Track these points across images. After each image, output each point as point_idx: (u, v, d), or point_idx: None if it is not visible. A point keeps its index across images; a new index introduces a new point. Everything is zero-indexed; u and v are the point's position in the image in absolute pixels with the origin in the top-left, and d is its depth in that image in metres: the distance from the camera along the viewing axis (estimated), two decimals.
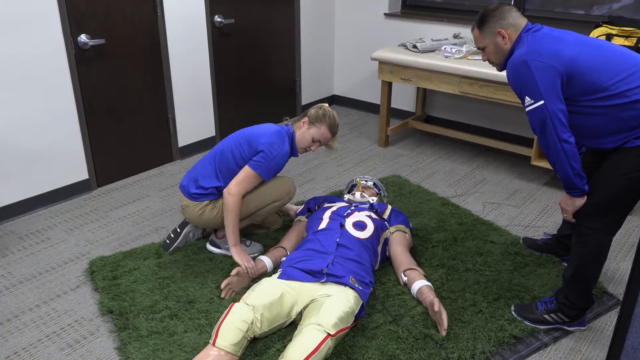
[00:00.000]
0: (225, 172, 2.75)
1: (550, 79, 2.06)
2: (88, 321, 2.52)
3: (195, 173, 2.82)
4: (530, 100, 2.09)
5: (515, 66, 2.13)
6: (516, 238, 3.07)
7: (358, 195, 3.08)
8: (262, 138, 2.69)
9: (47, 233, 3.25)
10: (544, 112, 2.07)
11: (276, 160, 2.70)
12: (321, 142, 2.81)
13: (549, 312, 2.40)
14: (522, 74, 2.10)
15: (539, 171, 4.03)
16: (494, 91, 3.70)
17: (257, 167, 2.68)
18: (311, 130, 2.78)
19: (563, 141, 2.08)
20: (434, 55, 4.04)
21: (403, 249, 2.75)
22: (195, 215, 2.79)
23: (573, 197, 2.20)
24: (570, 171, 2.11)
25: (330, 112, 2.80)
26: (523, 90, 2.12)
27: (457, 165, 4.16)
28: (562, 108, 2.08)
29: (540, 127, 2.10)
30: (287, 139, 2.76)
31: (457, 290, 2.62)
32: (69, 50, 3.39)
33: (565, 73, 2.07)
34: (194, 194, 2.77)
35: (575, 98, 2.11)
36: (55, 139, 3.47)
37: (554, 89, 2.06)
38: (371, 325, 2.39)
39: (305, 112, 2.84)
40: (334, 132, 2.83)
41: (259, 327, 2.21)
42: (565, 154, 2.08)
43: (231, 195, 2.66)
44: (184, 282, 2.70)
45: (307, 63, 5.13)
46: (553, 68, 2.06)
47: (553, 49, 2.08)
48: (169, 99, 4.04)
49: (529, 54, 2.09)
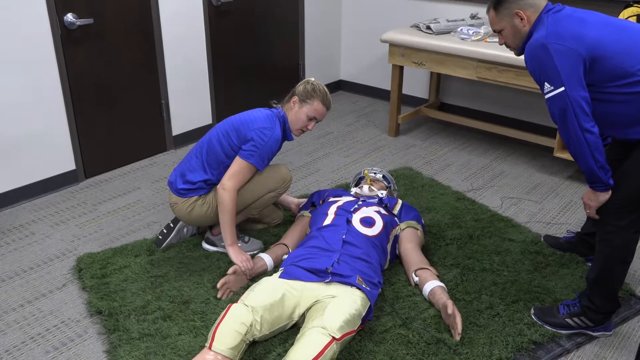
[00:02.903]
0: (214, 164, 2.75)
1: (572, 63, 2.05)
2: (75, 322, 2.54)
3: (181, 168, 2.82)
4: (549, 87, 2.09)
5: (534, 50, 2.12)
6: (537, 236, 3.07)
7: (366, 189, 3.08)
8: (251, 124, 2.69)
9: (31, 228, 3.27)
10: (565, 99, 2.06)
11: (268, 147, 2.69)
12: (317, 119, 2.80)
13: (572, 316, 2.40)
14: (542, 58, 2.09)
15: (562, 163, 4.02)
16: (514, 76, 3.69)
17: (249, 157, 2.67)
18: (304, 109, 2.77)
19: (585, 131, 2.07)
20: (449, 37, 4.03)
21: (414, 246, 2.75)
22: (184, 212, 2.80)
23: (597, 192, 2.19)
24: (594, 164, 2.10)
25: (320, 85, 2.80)
26: (542, 76, 2.11)
27: (474, 157, 4.16)
28: (585, 95, 2.07)
29: (560, 116, 2.09)
30: (279, 122, 2.75)
31: (473, 292, 2.63)
32: (55, 31, 3.40)
33: (588, 57, 2.06)
34: (182, 189, 2.78)
35: (598, 84, 2.10)
36: (39, 126, 3.48)
37: (576, 75, 2.05)
38: (379, 328, 2.40)
39: (293, 90, 2.82)
40: (328, 106, 2.81)
41: (259, 329, 2.21)
42: (587, 145, 2.08)
43: (226, 190, 2.65)
44: (178, 281, 2.71)
45: (312, 45, 5.12)
46: (575, 52, 2.05)
47: (575, 31, 2.07)
48: (162, 83, 4.05)
49: (549, 36, 2.08)
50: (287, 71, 4.99)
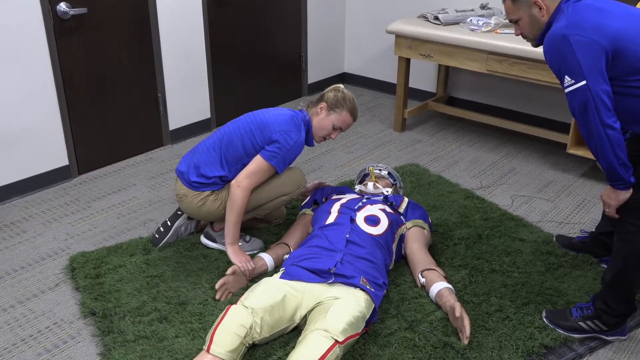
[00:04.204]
0: (232, 160, 2.76)
1: (594, 56, 2.04)
2: (68, 324, 2.55)
3: (196, 159, 2.82)
4: (570, 80, 2.08)
5: (554, 41, 2.11)
6: (549, 236, 3.07)
7: (371, 186, 3.08)
8: (276, 125, 2.70)
9: (23, 225, 3.28)
10: (586, 93, 2.05)
11: (292, 151, 2.71)
12: (342, 129, 2.84)
13: (585, 319, 2.40)
14: (562, 50, 2.08)
15: (575, 160, 4.02)
16: (526, 70, 3.68)
17: (272, 159, 2.69)
18: (331, 117, 2.79)
19: (607, 127, 2.06)
20: (458, 28, 4.02)
21: (421, 246, 2.76)
22: (194, 206, 2.80)
23: (617, 190, 2.19)
24: (615, 160, 2.10)
25: (350, 94, 2.84)
26: (562, 69, 2.10)
27: (483, 153, 4.16)
28: (607, 89, 2.06)
29: (581, 111, 2.08)
30: (303, 126, 2.77)
31: (482, 294, 2.63)
32: (47, 21, 3.40)
33: (610, 49, 2.05)
34: (195, 182, 2.78)
35: (621, 78, 2.09)
36: (31, 120, 3.49)
37: (597, 68, 2.04)
38: (384, 331, 2.40)
39: (321, 96, 2.84)
40: (355, 117, 2.86)
41: (259, 332, 2.22)
42: (609, 141, 2.07)
43: (240, 188, 2.67)
44: (174, 281, 2.72)
45: (315, 36, 5.12)
46: (597, 43, 2.04)
47: (597, 22, 2.06)
48: (158, 75, 4.05)
49: (569, 27, 2.07)
50: (289, 63, 5.00)
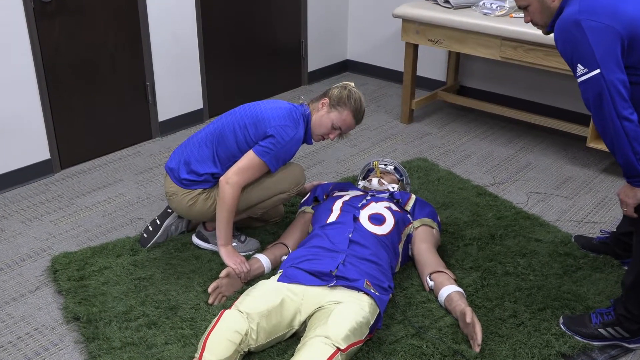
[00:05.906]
0: (225, 157, 2.75)
1: (609, 42, 2.04)
2: (50, 329, 2.55)
3: (186, 155, 2.81)
4: (583, 69, 2.08)
5: (566, 27, 2.11)
6: (567, 236, 3.07)
7: (375, 182, 3.08)
8: (272, 120, 2.69)
9: (1, 224, 3.27)
10: (601, 83, 2.05)
11: (287, 148, 2.70)
12: (342, 130, 2.81)
13: (605, 326, 2.40)
14: (574, 36, 2.08)
15: (596, 155, 4.01)
16: (543, 57, 3.67)
17: (264, 155, 2.68)
18: (332, 115, 2.77)
19: (623, 119, 2.06)
20: (469, 12, 4.01)
21: (429, 247, 2.76)
22: (184, 205, 2.80)
23: (634, 187, 2.19)
24: (632, 155, 2.10)
25: (357, 94, 2.79)
26: (575, 57, 2.11)
27: (496, 147, 4.15)
28: (623, 78, 2.06)
29: (595, 102, 2.09)
30: (302, 121, 2.76)
31: (495, 298, 2.63)
32: (27, 4, 3.39)
33: (626, 36, 2.05)
34: (185, 180, 2.77)
35: (638, 66, 2.09)
36: (9, 110, 3.48)
37: (612, 55, 2.05)
38: (390, 338, 2.40)
39: (326, 91, 2.83)
40: (359, 120, 2.82)
41: (255, 338, 2.22)
42: (626, 134, 2.07)
43: (229, 185, 2.65)
44: (164, 284, 2.72)
45: (316, 21, 5.11)
46: (612, 29, 2.04)
47: (611, 7, 2.07)
48: (147, 63, 4.05)
49: (582, 12, 2.07)
50: (287, 50, 4.99)
